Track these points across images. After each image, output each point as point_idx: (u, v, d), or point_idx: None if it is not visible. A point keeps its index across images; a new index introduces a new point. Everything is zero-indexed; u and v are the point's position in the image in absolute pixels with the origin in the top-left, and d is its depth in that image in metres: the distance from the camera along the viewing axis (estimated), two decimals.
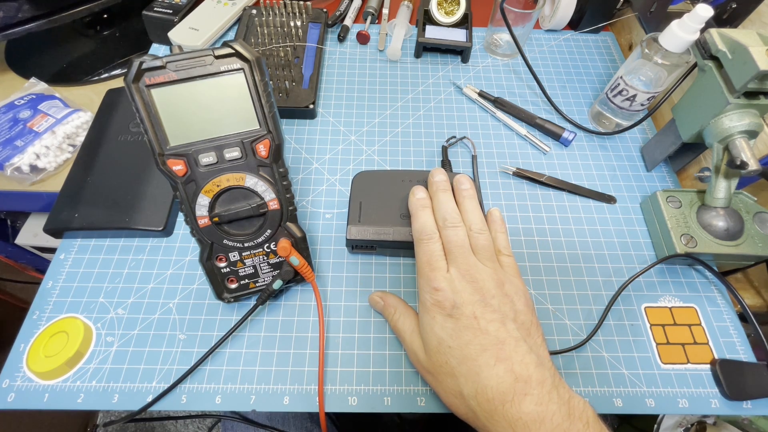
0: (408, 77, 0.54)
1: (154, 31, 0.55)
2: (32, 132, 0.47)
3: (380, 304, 0.36)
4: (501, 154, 0.47)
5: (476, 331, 0.27)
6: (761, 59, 0.31)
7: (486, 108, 0.51)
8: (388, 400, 0.33)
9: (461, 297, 0.29)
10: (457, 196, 0.35)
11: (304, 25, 0.55)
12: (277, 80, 0.49)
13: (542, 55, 0.57)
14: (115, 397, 0.33)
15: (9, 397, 0.32)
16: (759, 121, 0.35)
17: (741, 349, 0.36)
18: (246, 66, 0.27)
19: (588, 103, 0.52)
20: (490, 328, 0.28)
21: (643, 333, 0.37)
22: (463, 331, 0.28)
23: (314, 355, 0.35)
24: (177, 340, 0.35)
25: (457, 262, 0.30)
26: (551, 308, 0.38)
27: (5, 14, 0.49)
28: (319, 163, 0.46)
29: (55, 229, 0.39)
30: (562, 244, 0.41)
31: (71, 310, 0.36)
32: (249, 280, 0.35)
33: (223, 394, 0.33)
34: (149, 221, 0.39)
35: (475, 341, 0.27)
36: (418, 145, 0.48)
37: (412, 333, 0.32)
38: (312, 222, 0.42)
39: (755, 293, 0.43)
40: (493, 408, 0.26)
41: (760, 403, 0.34)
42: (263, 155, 0.30)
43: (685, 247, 0.37)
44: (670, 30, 0.39)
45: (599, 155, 0.47)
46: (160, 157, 0.28)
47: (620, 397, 0.34)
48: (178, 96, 0.27)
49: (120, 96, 0.47)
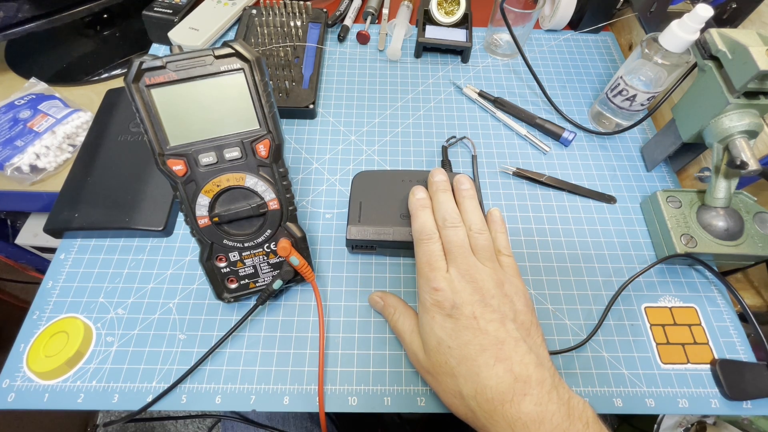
0: (408, 77, 0.54)
1: (154, 31, 0.55)
2: (32, 132, 0.47)
3: (380, 304, 0.36)
4: (501, 154, 0.47)
5: (475, 331, 0.27)
6: (761, 59, 0.31)
7: (486, 108, 0.51)
8: (388, 400, 0.33)
9: (461, 297, 0.28)
10: (457, 196, 0.35)
11: (304, 25, 0.55)
12: (277, 80, 0.49)
13: (542, 55, 0.57)
14: (115, 397, 0.33)
15: (9, 397, 0.32)
16: (759, 121, 0.35)
17: (741, 349, 0.36)
18: (246, 66, 0.27)
19: (588, 103, 0.52)
20: (490, 328, 0.27)
21: (643, 333, 0.37)
22: (463, 331, 0.28)
23: (314, 355, 0.35)
24: (177, 340, 0.35)
25: (457, 262, 0.30)
26: (551, 308, 0.38)
27: (5, 14, 0.49)
28: (319, 163, 0.46)
29: (55, 229, 0.39)
30: (562, 244, 0.41)
31: (71, 310, 0.36)
32: (249, 280, 0.35)
33: (223, 394, 0.33)
34: (149, 221, 0.39)
35: (474, 341, 0.27)
36: (418, 145, 0.48)
37: (412, 333, 0.32)
38: (312, 222, 0.42)
39: (755, 293, 0.43)
40: (493, 408, 0.26)
41: (760, 403, 0.34)
42: (263, 155, 0.30)
43: (685, 247, 0.37)
44: (670, 30, 0.39)
45: (599, 155, 0.47)
46: (160, 157, 0.28)
47: (620, 397, 0.34)
48: (178, 96, 0.27)
49: (120, 96, 0.47)
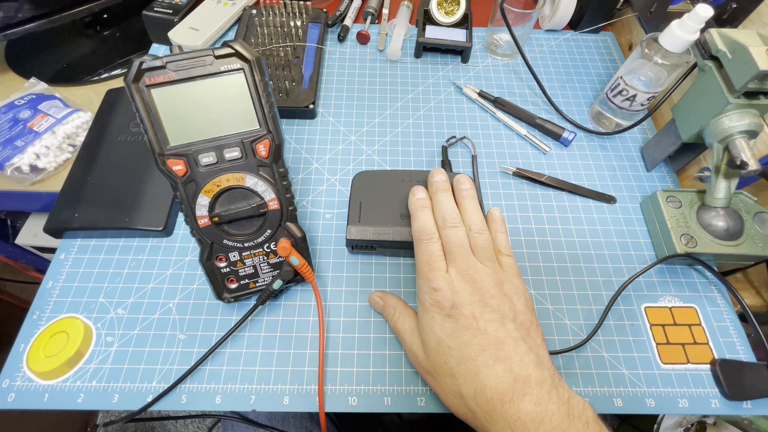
0: (408, 77, 0.54)
1: (154, 31, 0.55)
2: (32, 132, 0.47)
3: (380, 304, 0.35)
4: (501, 154, 0.47)
5: (475, 331, 0.27)
6: (761, 59, 0.31)
7: (486, 108, 0.51)
8: (388, 400, 0.33)
9: (460, 297, 0.28)
10: (457, 196, 0.35)
11: (304, 25, 0.55)
12: (277, 80, 0.49)
13: (542, 55, 0.57)
14: (115, 397, 0.33)
15: (9, 397, 0.32)
16: (759, 121, 0.35)
17: (741, 349, 0.36)
18: (246, 66, 0.27)
19: (588, 103, 0.52)
20: (489, 328, 0.27)
21: (643, 333, 0.37)
22: (462, 331, 0.28)
23: (314, 355, 0.35)
24: (177, 340, 0.35)
25: (457, 262, 0.30)
26: (551, 308, 0.38)
27: (5, 14, 0.49)
28: (319, 163, 0.46)
29: (55, 229, 0.39)
30: (562, 244, 0.41)
31: (71, 310, 0.36)
32: (249, 280, 0.35)
33: (223, 394, 0.33)
34: (149, 221, 0.39)
35: (474, 341, 0.27)
36: (418, 145, 0.48)
37: (412, 333, 0.32)
38: (312, 222, 0.42)
39: (755, 293, 0.43)
40: (492, 408, 0.26)
41: (760, 403, 0.34)
42: (263, 155, 0.30)
43: (685, 247, 0.37)
44: (670, 30, 0.39)
45: (599, 155, 0.47)
46: (160, 157, 0.28)
47: (620, 397, 0.34)
48: (178, 96, 0.27)
49: (120, 96, 0.47)
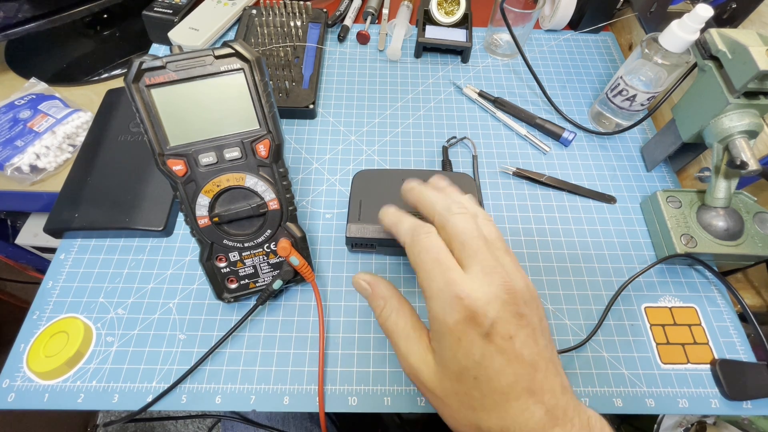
0: (408, 77, 0.54)
1: (154, 31, 0.55)
2: (32, 132, 0.47)
3: (367, 291, 0.27)
4: (501, 154, 0.47)
5: (510, 357, 0.22)
6: (761, 59, 0.31)
7: (486, 108, 0.51)
8: (388, 400, 0.33)
9: (494, 308, 0.22)
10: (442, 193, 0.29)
11: (304, 25, 0.55)
12: (277, 80, 0.49)
13: (542, 55, 0.57)
14: (115, 397, 0.33)
15: (9, 397, 0.32)
16: (759, 121, 0.35)
17: (741, 349, 0.36)
18: (246, 66, 0.27)
19: (588, 103, 0.52)
20: (525, 351, 0.22)
21: (643, 333, 0.37)
22: (495, 357, 0.22)
23: (314, 355, 0.35)
24: (177, 340, 0.35)
25: (478, 257, 0.23)
26: (551, 308, 0.38)
27: (5, 14, 0.49)
28: (319, 163, 0.46)
29: (55, 229, 0.39)
30: (562, 244, 0.41)
31: (71, 310, 0.36)
32: (249, 280, 0.35)
33: (223, 394, 0.33)
34: (149, 221, 0.39)
35: (507, 370, 0.22)
36: (418, 145, 0.48)
37: (408, 339, 0.25)
38: (312, 222, 0.42)
39: (755, 293, 0.43)
40: None
41: (760, 403, 0.34)
42: (263, 155, 0.30)
43: (685, 247, 0.37)
44: (670, 30, 0.39)
45: (599, 155, 0.47)
46: (160, 157, 0.28)
47: (620, 397, 0.34)
48: (178, 96, 0.27)
49: (120, 96, 0.47)
